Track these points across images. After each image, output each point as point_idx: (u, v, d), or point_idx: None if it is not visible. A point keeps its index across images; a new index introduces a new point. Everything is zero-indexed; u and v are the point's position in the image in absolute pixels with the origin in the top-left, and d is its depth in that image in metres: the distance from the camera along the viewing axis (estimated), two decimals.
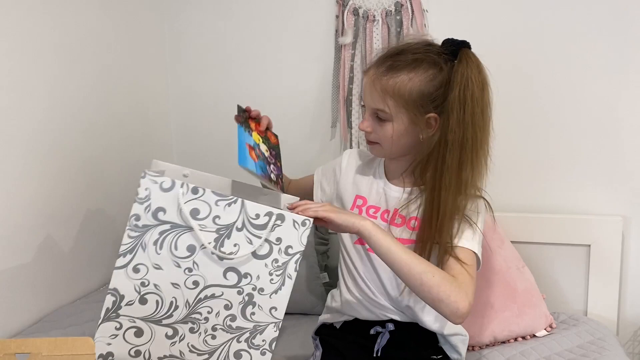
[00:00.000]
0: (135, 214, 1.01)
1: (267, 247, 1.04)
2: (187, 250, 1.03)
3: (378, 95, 1.15)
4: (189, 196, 1.02)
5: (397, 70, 1.14)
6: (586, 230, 1.65)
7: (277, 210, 1.04)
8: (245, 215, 1.03)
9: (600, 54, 1.64)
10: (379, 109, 1.16)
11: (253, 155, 1.16)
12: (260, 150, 1.18)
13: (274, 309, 1.06)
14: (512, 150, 1.72)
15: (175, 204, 1.01)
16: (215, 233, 1.03)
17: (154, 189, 1.01)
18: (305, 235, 1.05)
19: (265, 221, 1.03)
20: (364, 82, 1.22)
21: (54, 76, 1.47)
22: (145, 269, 1.02)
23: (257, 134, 1.21)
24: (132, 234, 1.01)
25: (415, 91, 1.13)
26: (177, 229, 1.02)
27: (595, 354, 1.39)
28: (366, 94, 1.19)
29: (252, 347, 1.06)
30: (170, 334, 1.04)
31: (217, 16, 1.91)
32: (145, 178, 1.00)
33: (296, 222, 1.05)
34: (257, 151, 1.17)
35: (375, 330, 1.26)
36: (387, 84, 1.14)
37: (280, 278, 1.05)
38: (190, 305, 1.04)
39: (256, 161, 1.15)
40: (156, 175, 1.01)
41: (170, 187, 1.01)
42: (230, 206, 1.03)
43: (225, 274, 1.04)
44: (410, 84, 1.13)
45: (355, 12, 1.76)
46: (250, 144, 1.17)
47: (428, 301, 1.09)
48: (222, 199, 1.02)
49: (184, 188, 1.01)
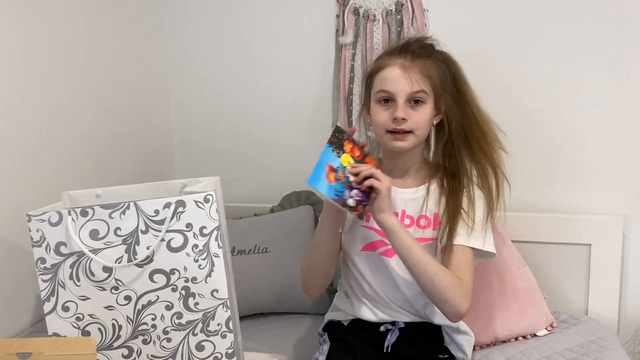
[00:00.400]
0: (39, 258, 1.00)
1: (180, 237, 1.02)
2: (104, 271, 1.01)
3: (418, 77, 1.18)
4: (81, 220, 0.99)
5: (425, 56, 1.21)
6: (587, 230, 1.62)
7: (174, 198, 1.01)
8: (144, 216, 1.00)
9: (602, 53, 1.60)
10: (419, 91, 1.18)
11: (331, 177, 1.13)
12: (344, 174, 1.14)
13: (215, 292, 1.04)
14: (513, 150, 1.67)
15: (68, 234, 0.98)
16: (123, 244, 1.01)
17: (44, 227, 0.99)
18: (214, 209, 1.02)
19: (166, 214, 1.00)
20: (388, 73, 1.20)
21: (54, 78, 1.47)
22: (73, 305, 1.01)
23: (348, 156, 1.16)
24: (45, 278, 1.00)
25: (439, 75, 1.21)
26: (85, 256, 1.00)
27: (596, 353, 1.35)
28: (399, 80, 1.18)
29: (211, 334, 1.05)
30: (126, 353, 1.04)
31: (218, 16, 1.89)
32: (32, 221, 0.99)
33: (198, 202, 1.01)
34: (338, 174, 1.14)
35: (385, 328, 1.26)
36: (422, 66, 1.19)
37: (207, 260, 1.03)
38: (132, 320, 1.03)
39: (332, 183, 1.12)
40: (41, 214, 0.99)
41: (59, 220, 0.99)
42: (125, 214, 1.00)
43: (152, 277, 1.02)
44: (436, 68, 1.21)
45: (355, 11, 1.73)
46: (333, 165, 1.14)
47: (434, 300, 1.15)
48: (115, 210, 1.00)
49: (72, 215, 0.99)
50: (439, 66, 1.22)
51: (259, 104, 1.90)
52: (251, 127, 1.92)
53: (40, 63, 1.42)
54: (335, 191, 1.12)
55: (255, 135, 1.92)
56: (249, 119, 1.91)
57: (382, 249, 1.23)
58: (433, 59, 1.21)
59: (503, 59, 1.66)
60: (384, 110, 1.20)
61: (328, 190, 1.11)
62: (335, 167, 1.13)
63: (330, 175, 1.12)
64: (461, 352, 1.27)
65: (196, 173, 1.98)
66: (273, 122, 1.89)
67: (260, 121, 1.90)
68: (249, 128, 1.92)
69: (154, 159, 1.92)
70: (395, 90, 1.18)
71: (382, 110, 1.20)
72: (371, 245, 1.23)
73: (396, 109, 1.17)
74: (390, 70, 1.19)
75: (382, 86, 1.20)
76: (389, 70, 1.19)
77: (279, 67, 1.86)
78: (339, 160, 1.14)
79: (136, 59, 1.81)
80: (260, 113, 1.90)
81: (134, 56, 1.79)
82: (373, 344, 1.25)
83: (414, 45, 1.22)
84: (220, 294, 1.04)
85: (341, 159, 1.15)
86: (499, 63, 1.66)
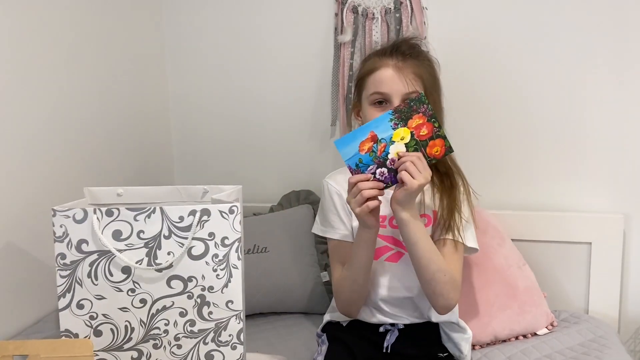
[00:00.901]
0: (60, 253, 0.99)
1: (201, 245, 1.01)
2: (123, 272, 1.00)
3: (411, 77, 1.19)
4: (106, 220, 0.99)
5: (414, 56, 1.23)
6: (587, 228, 1.63)
7: (200, 206, 1.01)
8: (169, 222, 1.00)
9: (603, 52, 1.60)
10: (413, 92, 1.18)
11: (366, 146, 1.06)
12: (385, 148, 1.06)
13: (230, 302, 1.04)
14: (513, 149, 1.71)
15: (94, 232, 0.98)
16: (144, 248, 1.00)
17: (68, 223, 0.98)
18: (237, 221, 1.02)
19: (190, 221, 1.00)
20: (381, 74, 1.21)
21: (52, 79, 1.45)
22: (88, 303, 1.01)
23: (406, 132, 1.06)
24: (63, 274, 0.99)
25: (429, 75, 1.23)
26: (105, 255, 0.99)
27: (597, 352, 1.37)
28: (393, 81, 1.19)
29: (221, 345, 1.05)
30: (135, 356, 1.03)
31: (216, 16, 1.89)
32: (57, 216, 0.98)
33: (223, 212, 1.01)
34: (378, 146, 1.06)
35: (384, 328, 1.28)
36: (414, 66, 1.21)
37: (226, 271, 1.03)
38: (145, 324, 1.02)
39: (362, 153, 1.06)
40: (66, 210, 0.98)
41: (84, 218, 0.98)
42: (150, 217, 1.00)
43: (169, 283, 1.02)
44: (425, 68, 1.23)
45: (354, 10, 1.73)
46: (378, 135, 1.06)
47: (428, 292, 1.18)
48: (140, 213, 0.99)
49: (97, 214, 0.98)
50: (427, 66, 1.24)
51: (257, 102, 1.90)
52: (250, 125, 1.92)
53: (27, 57, 1.39)
54: (359, 161, 1.07)
55: (254, 134, 1.92)
56: (248, 117, 1.92)
57: (388, 254, 1.25)
58: (421, 59, 1.24)
59: (502, 57, 1.67)
60: (379, 112, 1.18)
61: (351, 157, 1.06)
62: (380, 138, 1.07)
63: (366, 143, 1.06)
64: (458, 350, 1.29)
65: (195, 172, 2.00)
66: (272, 121, 1.89)
67: (259, 120, 1.91)
68: (248, 127, 1.92)
69: (152, 157, 1.92)
70: (391, 92, 1.19)
71: (377, 112, 1.18)
72: (375, 253, 1.23)
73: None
74: (384, 72, 1.20)
75: (376, 88, 1.20)
76: (382, 71, 1.20)
77: (277, 66, 1.87)
78: (391, 133, 1.07)
79: (133, 59, 1.80)
80: (259, 111, 1.90)
81: (131, 56, 1.78)
82: (372, 343, 1.27)
83: (403, 46, 1.24)
84: (235, 305, 1.04)
85: (395, 132, 1.07)
86: (498, 60, 1.67)
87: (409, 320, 1.27)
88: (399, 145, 1.08)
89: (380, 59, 1.23)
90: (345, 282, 1.24)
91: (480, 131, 1.72)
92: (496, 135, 1.71)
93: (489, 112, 1.70)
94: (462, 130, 1.71)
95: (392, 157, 1.07)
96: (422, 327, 1.28)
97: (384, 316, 1.28)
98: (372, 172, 1.08)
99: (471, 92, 1.70)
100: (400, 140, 1.07)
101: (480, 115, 1.71)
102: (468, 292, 1.45)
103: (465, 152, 1.70)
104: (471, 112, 1.71)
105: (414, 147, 1.08)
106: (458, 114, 1.70)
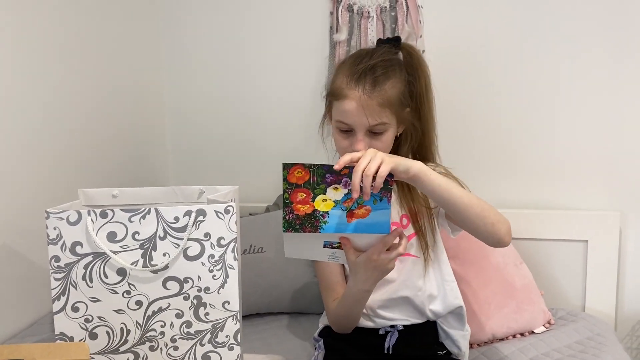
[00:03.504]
0: (54, 256, 0.98)
1: (197, 246, 1.00)
2: (118, 274, 1.00)
3: (377, 109, 1.14)
4: (100, 222, 0.98)
5: (382, 82, 1.15)
6: (583, 226, 1.63)
7: (196, 206, 1.00)
8: (164, 222, 0.99)
9: (598, 50, 1.61)
10: (379, 124, 1.15)
11: (301, 208, 1.00)
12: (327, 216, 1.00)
13: (226, 303, 1.03)
14: (509, 147, 1.71)
15: (88, 234, 0.97)
16: (140, 249, 0.99)
17: (62, 226, 0.97)
18: (233, 221, 1.01)
19: (186, 222, 0.99)
20: (346, 106, 1.15)
21: (47, 81, 1.45)
22: (83, 305, 1.00)
23: (333, 191, 0.99)
24: (57, 276, 0.98)
25: (399, 94, 1.17)
26: (100, 257, 0.98)
27: (594, 350, 1.37)
28: (357, 115, 1.14)
29: (218, 346, 1.04)
30: (132, 359, 1.02)
31: (212, 15, 1.89)
32: (50, 218, 0.97)
33: (219, 213, 1.00)
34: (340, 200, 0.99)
35: (384, 330, 1.27)
36: (380, 96, 1.14)
37: (222, 271, 1.02)
38: (141, 326, 1.02)
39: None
40: (60, 212, 0.97)
41: (78, 219, 0.97)
42: (145, 218, 0.99)
43: (165, 284, 1.01)
44: (395, 90, 1.16)
45: (349, 8, 1.73)
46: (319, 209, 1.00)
47: (484, 225, 1.10)
48: (135, 214, 0.98)
49: (91, 216, 0.97)
50: (402, 82, 1.18)
51: (253, 101, 1.90)
52: (245, 125, 1.92)
53: (22, 59, 1.38)
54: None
55: (249, 133, 1.92)
56: (244, 116, 1.91)
57: None
58: (396, 77, 1.17)
59: (498, 55, 1.67)
60: (344, 139, 1.18)
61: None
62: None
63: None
64: (456, 347, 1.28)
65: (191, 172, 1.99)
66: (268, 120, 1.89)
67: (254, 119, 1.91)
68: (244, 126, 1.92)
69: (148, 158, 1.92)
70: (354, 124, 1.15)
71: (343, 139, 1.19)
72: None
73: (356, 140, 1.15)
74: (348, 104, 1.15)
75: (340, 117, 1.17)
76: (346, 103, 1.15)
77: (273, 65, 1.86)
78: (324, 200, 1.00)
79: (129, 61, 1.80)
80: (255, 110, 1.90)
81: (127, 57, 1.78)
82: (372, 347, 1.26)
83: (377, 71, 1.16)
84: (231, 306, 1.03)
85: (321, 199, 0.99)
86: (494, 58, 1.68)
87: (408, 322, 1.26)
88: (327, 203, 1.00)
89: (347, 86, 1.16)
90: (340, 318, 1.25)
91: (475, 130, 1.71)
92: (491, 134, 1.71)
93: (485, 110, 1.70)
94: (457, 128, 1.71)
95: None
96: (421, 326, 1.27)
97: (383, 320, 1.27)
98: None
99: (466, 90, 1.70)
100: (323, 201, 1.00)
101: (476, 113, 1.71)
102: (465, 291, 1.45)
103: (461, 150, 1.71)
104: (466, 111, 1.71)
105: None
106: (454, 113, 1.70)
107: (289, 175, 0.98)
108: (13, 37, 1.34)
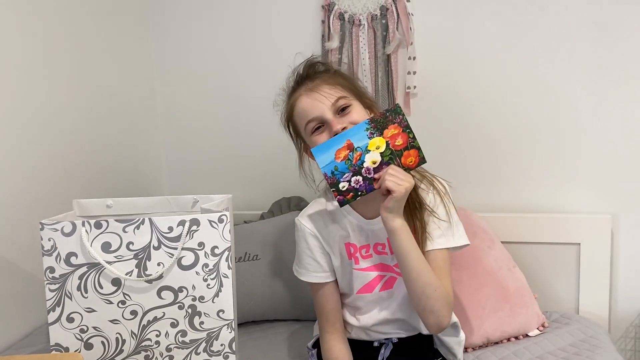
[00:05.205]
0: (48, 267, 0.99)
1: (191, 255, 1.01)
2: (113, 284, 1.00)
3: (328, 88, 1.17)
4: (95, 232, 0.99)
5: (321, 73, 1.22)
6: (576, 229, 1.63)
7: (189, 216, 1.00)
8: (158, 232, 1.00)
9: (589, 53, 1.61)
10: (338, 98, 1.16)
11: (342, 154, 1.07)
12: (360, 157, 1.07)
13: (221, 312, 1.04)
14: (501, 151, 1.71)
15: (82, 244, 0.98)
16: (134, 259, 1.00)
17: (57, 237, 0.98)
18: (227, 230, 1.02)
19: (180, 231, 1.00)
20: (301, 104, 1.19)
21: (39, 90, 1.45)
22: (79, 316, 1.00)
23: (381, 141, 1.08)
24: (52, 287, 0.99)
25: (346, 82, 1.21)
26: (95, 268, 0.99)
27: (588, 352, 1.37)
28: (315, 103, 1.16)
29: (213, 355, 1.05)
30: None
31: (203, 23, 1.89)
32: (45, 229, 0.97)
33: (212, 222, 1.01)
34: (353, 154, 1.07)
35: (378, 342, 1.27)
36: (326, 80, 1.19)
37: (216, 280, 1.03)
38: (136, 335, 1.02)
39: (337, 160, 1.07)
40: (54, 223, 0.98)
41: (72, 230, 0.98)
42: (139, 228, 0.99)
43: (160, 294, 1.02)
44: (339, 77, 1.21)
45: (341, 16, 1.74)
46: (354, 143, 1.07)
47: (419, 308, 1.14)
48: (129, 224, 0.99)
49: (86, 226, 0.98)
50: (340, 76, 1.23)
51: (246, 110, 1.90)
52: (239, 133, 1.92)
53: (12, 69, 1.38)
54: (335, 169, 1.07)
55: (243, 142, 1.92)
56: (237, 124, 1.92)
57: (381, 283, 1.23)
58: (330, 73, 1.23)
59: (489, 61, 1.68)
60: (321, 134, 1.17)
61: (327, 164, 1.07)
62: (356, 147, 1.07)
63: (342, 151, 1.07)
64: (451, 354, 1.28)
65: (185, 181, 1.99)
66: (261, 128, 1.88)
67: (248, 127, 1.91)
68: (238, 134, 1.92)
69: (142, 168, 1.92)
70: (318, 112, 1.16)
71: (320, 135, 1.17)
72: (368, 287, 1.22)
73: (330, 125, 1.15)
74: (300, 101, 1.19)
75: (305, 118, 1.18)
76: (299, 101, 1.19)
77: (265, 74, 1.85)
78: (367, 142, 1.08)
79: (121, 70, 1.80)
80: (248, 119, 1.90)
81: (119, 66, 1.79)
82: (366, 359, 1.26)
83: (307, 70, 1.23)
84: (226, 314, 1.04)
85: (371, 141, 1.08)
86: (484, 65, 1.68)
87: (403, 335, 1.27)
88: (374, 154, 1.08)
89: (292, 94, 1.22)
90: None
91: (467, 135, 1.72)
92: (483, 139, 1.72)
93: (476, 116, 1.71)
94: (448, 133, 1.72)
95: (368, 165, 1.08)
96: (415, 337, 1.27)
97: (377, 334, 1.27)
98: (347, 180, 1.08)
99: (458, 97, 1.71)
100: (375, 149, 1.08)
101: (468, 119, 1.72)
102: (459, 295, 1.46)
103: (452, 155, 1.72)
104: (458, 117, 1.72)
105: (389, 157, 1.09)
106: (444, 118, 1.71)
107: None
108: (3, 47, 1.34)
